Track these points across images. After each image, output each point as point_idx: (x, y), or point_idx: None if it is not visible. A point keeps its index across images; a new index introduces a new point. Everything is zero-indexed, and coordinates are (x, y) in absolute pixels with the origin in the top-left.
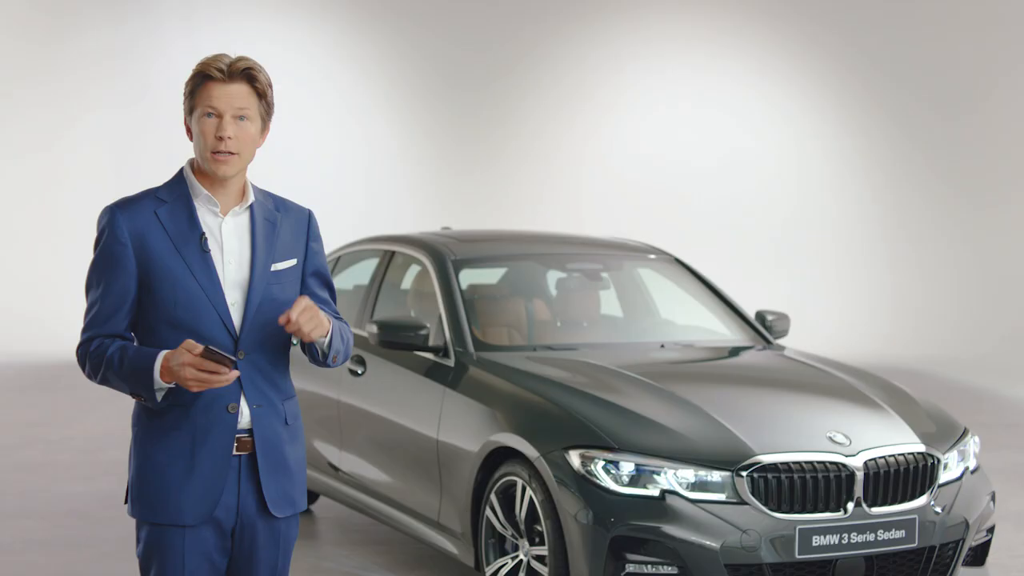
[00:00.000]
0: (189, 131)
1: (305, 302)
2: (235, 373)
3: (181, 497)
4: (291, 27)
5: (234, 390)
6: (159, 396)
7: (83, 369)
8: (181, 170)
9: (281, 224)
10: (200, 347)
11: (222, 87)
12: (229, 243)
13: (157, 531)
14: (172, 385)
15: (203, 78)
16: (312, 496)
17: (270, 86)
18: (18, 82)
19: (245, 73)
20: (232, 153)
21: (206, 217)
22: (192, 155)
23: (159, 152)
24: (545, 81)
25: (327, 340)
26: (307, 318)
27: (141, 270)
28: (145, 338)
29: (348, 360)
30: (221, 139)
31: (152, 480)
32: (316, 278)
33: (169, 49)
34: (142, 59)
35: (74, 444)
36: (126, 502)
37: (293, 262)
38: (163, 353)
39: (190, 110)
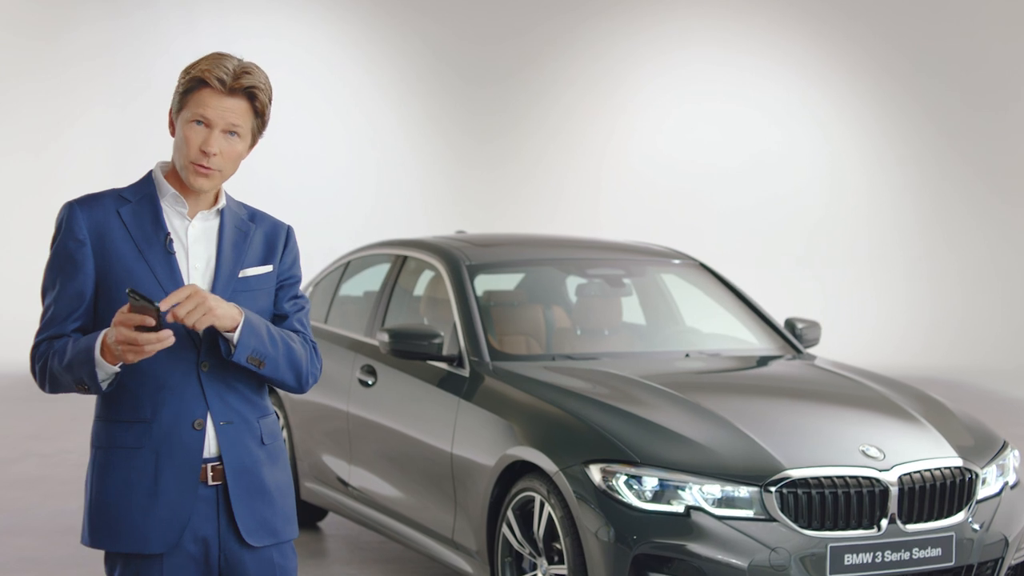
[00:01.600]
0: (172, 126)
1: (188, 290)
2: (167, 332)
3: (146, 522)
4: (297, 21)
5: (200, 405)
6: (104, 384)
7: (33, 374)
8: (150, 172)
9: (254, 234)
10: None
11: (219, 99)
12: (195, 247)
13: (133, 565)
14: (118, 368)
15: (200, 83)
16: (320, 512)
17: (270, 103)
18: (12, 79)
19: (247, 90)
20: (213, 169)
21: (172, 218)
22: (163, 157)
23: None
24: (563, 78)
25: (235, 336)
26: (186, 309)
27: (99, 272)
28: None
29: (297, 378)
30: (206, 153)
31: (113, 504)
32: (288, 290)
33: (170, 45)
34: (142, 55)
35: (70, 458)
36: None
37: (267, 269)
38: (104, 330)
39: (179, 108)
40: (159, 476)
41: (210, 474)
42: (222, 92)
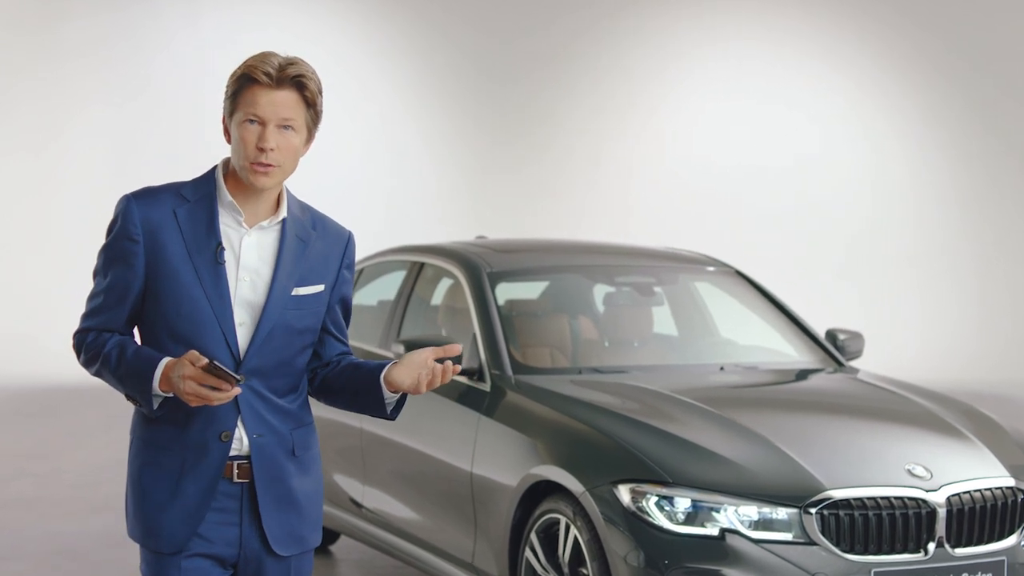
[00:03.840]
0: (227, 132)
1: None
2: (236, 391)
3: (161, 521)
4: (306, 14)
5: (231, 416)
6: (155, 403)
7: (78, 357)
8: (214, 168)
9: (314, 244)
10: (204, 360)
11: (268, 93)
12: (247, 259)
13: (154, 559)
14: (170, 395)
15: (248, 80)
16: (333, 535)
17: (320, 93)
18: (6, 76)
19: (295, 80)
20: (273, 165)
21: (228, 226)
22: (198, 151)
23: (161, 153)
24: (591, 73)
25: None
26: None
27: (149, 270)
28: (147, 344)
29: None
30: (263, 150)
31: (141, 499)
32: (340, 307)
33: (172, 41)
34: (141, 51)
35: (67, 478)
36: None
37: (320, 288)
38: (165, 361)
39: (230, 112)
40: (182, 479)
41: (236, 471)
42: (271, 86)
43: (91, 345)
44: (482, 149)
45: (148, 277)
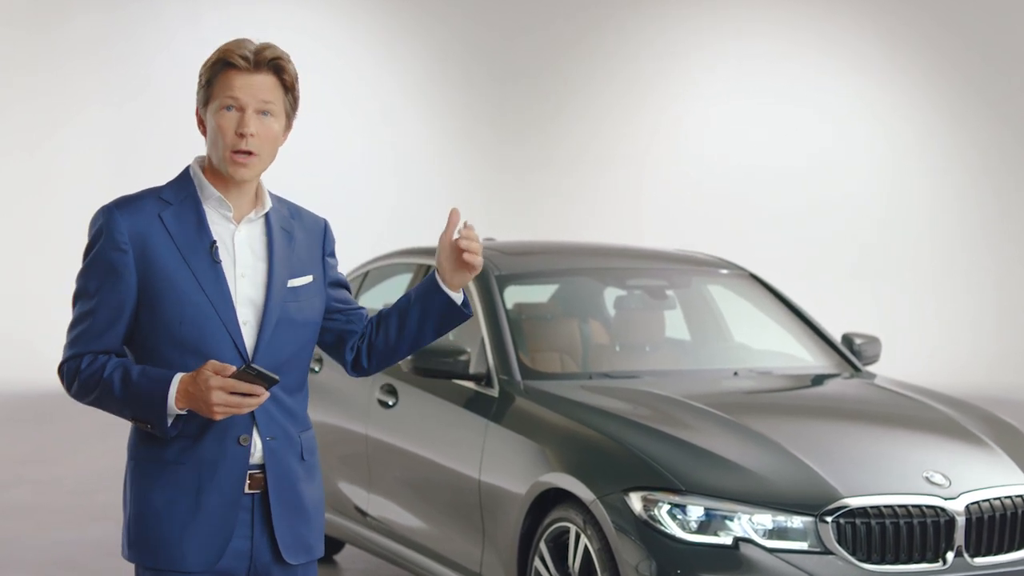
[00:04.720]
0: (202, 123)
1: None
2: (265, 394)
3: (185, 540)
4: (310, 10)
5: (246, 420)
6: (170, 423)
7: (68, 388)
8: (187, 169)
9: (297, 235)
10: (231, 368)
11: (245, 77)
12: (242, 254)
13: None
14: (184, 412)
15: (224, 66)
16: (337, 544)
17: (297, 79)
18: (4, 75)
19: (272, 63)
20: (253, 153)
21: (217, 223)
22: (199, 153)
23: (161, 154)
24: (601, 72)
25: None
26: (474, 245)
27: (141, 281)
28: (144, 360)
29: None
30: (242, 136)
31: (153, 520)
32: (337, 288)
33: (172, 39)
34: (142, 49)
35: (65, 485)
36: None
37: (309, 279)
38: (179, 376)
39: (205, 101)
40: (201, 491)
41: (247, 482)
42: (248, 69)
43: (86, 371)
44: (490, 149)
45: (141, 289)
